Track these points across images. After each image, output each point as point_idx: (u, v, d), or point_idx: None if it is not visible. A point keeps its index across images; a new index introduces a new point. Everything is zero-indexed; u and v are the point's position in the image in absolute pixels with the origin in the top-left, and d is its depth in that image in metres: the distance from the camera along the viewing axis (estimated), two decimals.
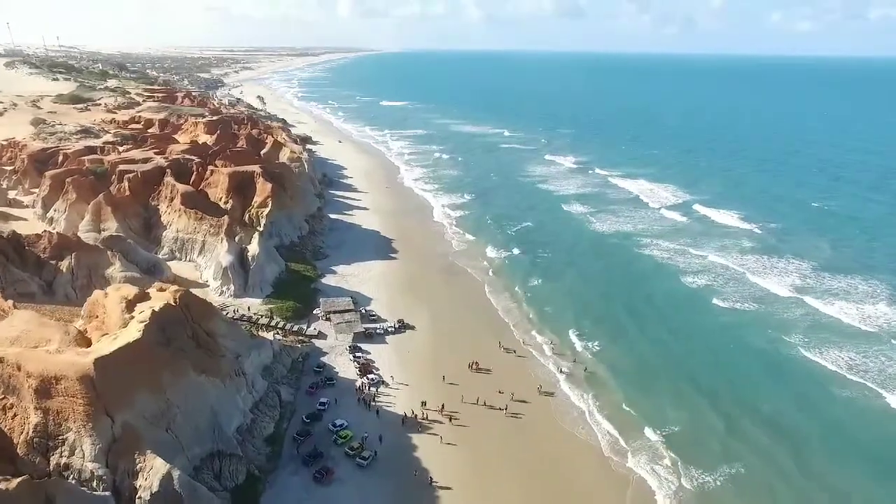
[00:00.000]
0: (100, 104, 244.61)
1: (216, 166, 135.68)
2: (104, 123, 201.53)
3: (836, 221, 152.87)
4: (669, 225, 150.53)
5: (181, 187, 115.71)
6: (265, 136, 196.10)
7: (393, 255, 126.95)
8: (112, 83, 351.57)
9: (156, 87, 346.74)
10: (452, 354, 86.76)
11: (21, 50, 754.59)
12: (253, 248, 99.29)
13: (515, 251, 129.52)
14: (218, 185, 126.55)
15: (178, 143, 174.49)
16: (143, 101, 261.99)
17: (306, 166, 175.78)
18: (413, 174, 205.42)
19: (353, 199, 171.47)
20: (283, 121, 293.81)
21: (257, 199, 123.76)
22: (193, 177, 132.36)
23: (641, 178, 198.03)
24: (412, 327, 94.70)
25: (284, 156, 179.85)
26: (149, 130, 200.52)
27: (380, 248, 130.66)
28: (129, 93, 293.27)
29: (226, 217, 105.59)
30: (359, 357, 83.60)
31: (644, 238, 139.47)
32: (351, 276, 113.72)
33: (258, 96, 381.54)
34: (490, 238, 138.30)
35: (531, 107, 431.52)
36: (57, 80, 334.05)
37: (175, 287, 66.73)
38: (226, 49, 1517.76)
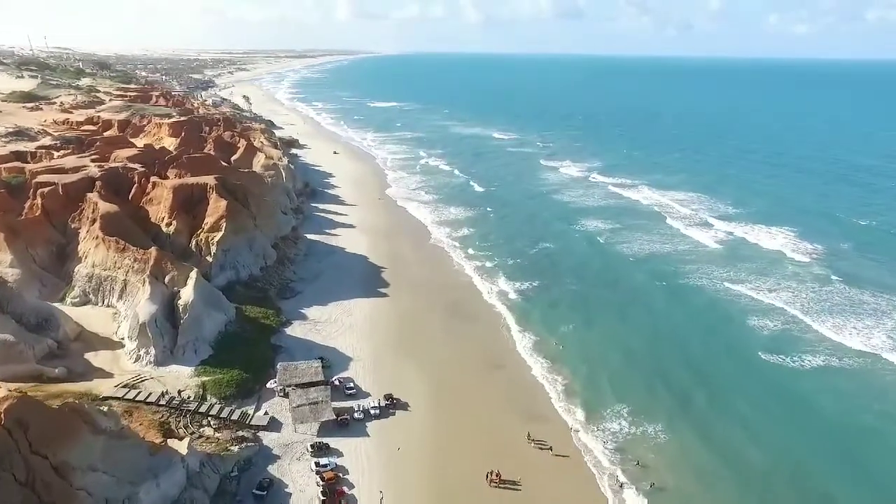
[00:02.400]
0: (55, 103, 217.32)
1: (166, 177, 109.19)
2: (54, 124, 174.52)
3: (885, 241, 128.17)
4: (697, 248, 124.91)
5: (103, 206, 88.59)
6: (238, 139, 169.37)
7: (382, 291, 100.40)
8: (85, 82, 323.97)
9: (131, 85, 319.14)
10: (462, 454, 60.73)
11: (13, 51, 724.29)
12: (186, 294, 72.30)
13: (534, 283, 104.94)
14: (160, 202, 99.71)
15: (133, 147, 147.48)
16: (110, 100, 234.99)
17: (283, 175, 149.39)
18: (408, 183, 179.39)
19: (339, 214, 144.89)
20: (270, 122, 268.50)
21: (209, 221, 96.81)
22: (134, 190, 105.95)
23: (654, 188, 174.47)
24: (405, 406, 68.33)
25: (258, 162, 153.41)
26: (105, 133, 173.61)
27: (366, 280, 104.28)
28: (98, 91, 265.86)
29: (153, 249, 78.37)
30: (325, 466, 56.70)
31: (675, 266, 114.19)
32: (326, 322, 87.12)
33: (244, 96, 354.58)
34: (501, 265, 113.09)
35: (530, 108, 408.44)
36: (22, 77, 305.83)
37: (3, 392, 39.86)
38: (223, 51, 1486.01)
